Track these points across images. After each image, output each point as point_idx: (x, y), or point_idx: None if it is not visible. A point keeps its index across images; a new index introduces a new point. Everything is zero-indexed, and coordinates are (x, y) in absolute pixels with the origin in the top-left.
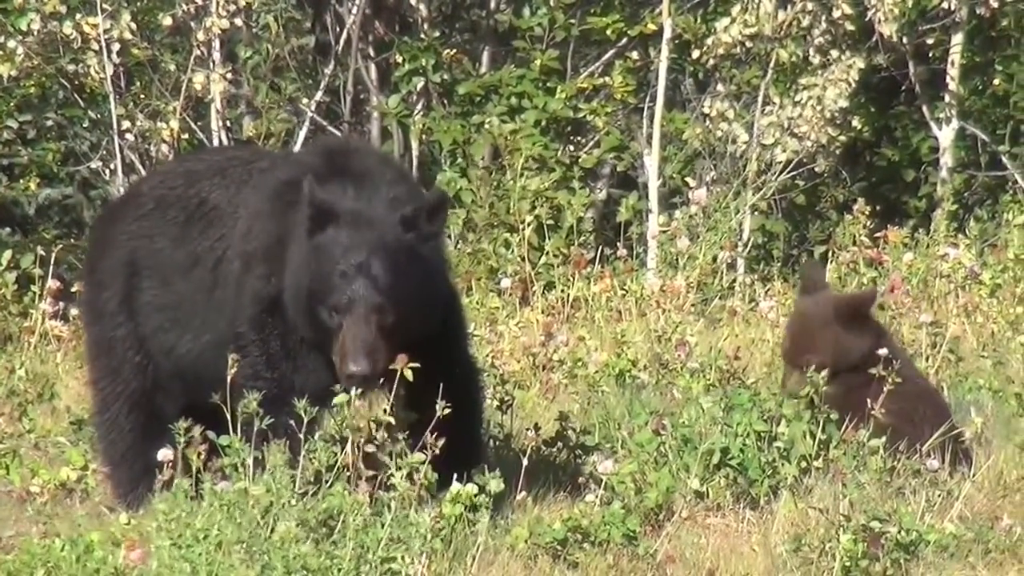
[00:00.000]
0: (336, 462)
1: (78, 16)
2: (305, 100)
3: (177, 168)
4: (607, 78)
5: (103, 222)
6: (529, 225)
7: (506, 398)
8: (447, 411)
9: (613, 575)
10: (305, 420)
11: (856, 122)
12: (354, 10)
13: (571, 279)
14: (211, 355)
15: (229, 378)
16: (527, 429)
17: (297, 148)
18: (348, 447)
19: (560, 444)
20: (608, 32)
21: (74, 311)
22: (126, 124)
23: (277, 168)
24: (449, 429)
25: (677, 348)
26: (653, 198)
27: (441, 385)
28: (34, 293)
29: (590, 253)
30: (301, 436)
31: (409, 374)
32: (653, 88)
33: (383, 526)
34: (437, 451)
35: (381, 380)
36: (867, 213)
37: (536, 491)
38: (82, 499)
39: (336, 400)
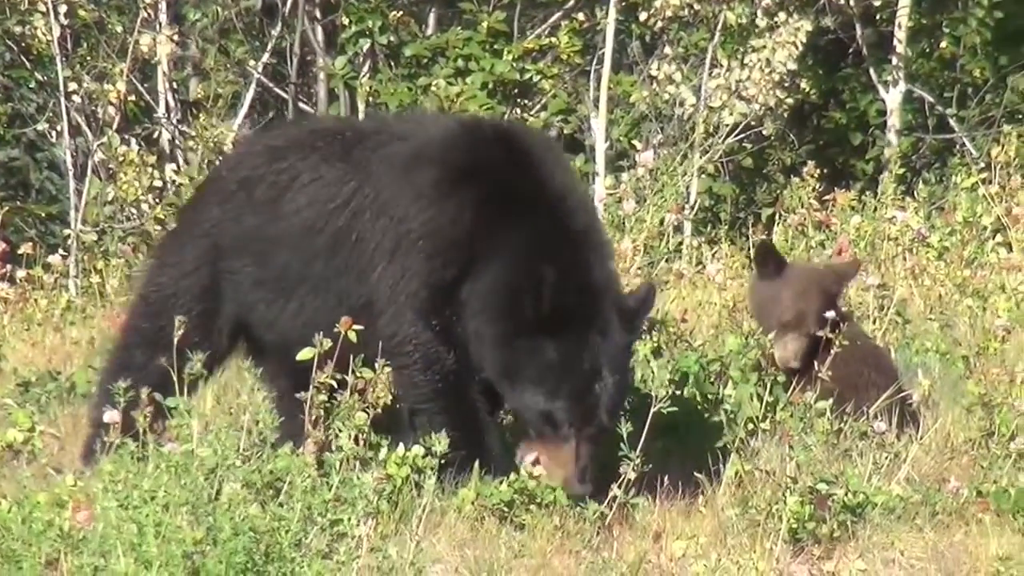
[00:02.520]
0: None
1: None
2: (252, 62)
3: (254, 148)
4: (553, 39)
5: (187, 210)
6: None
7: None
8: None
9: (559, 537)
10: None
11: (804, 85)
12: None
13: None
14: (326, 317)
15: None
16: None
17: (244, 111)
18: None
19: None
20: None
21: (21, 273)
22: (73, 86)
23: (430, 151)
24: None
25: None
26: (600, 161)
27: None
28: None
29: None
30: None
31: (353, 336)
32: (600, 51)
33: (330, 488)
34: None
35: None
36: (815, 176)
37: None
38: (28, 461)
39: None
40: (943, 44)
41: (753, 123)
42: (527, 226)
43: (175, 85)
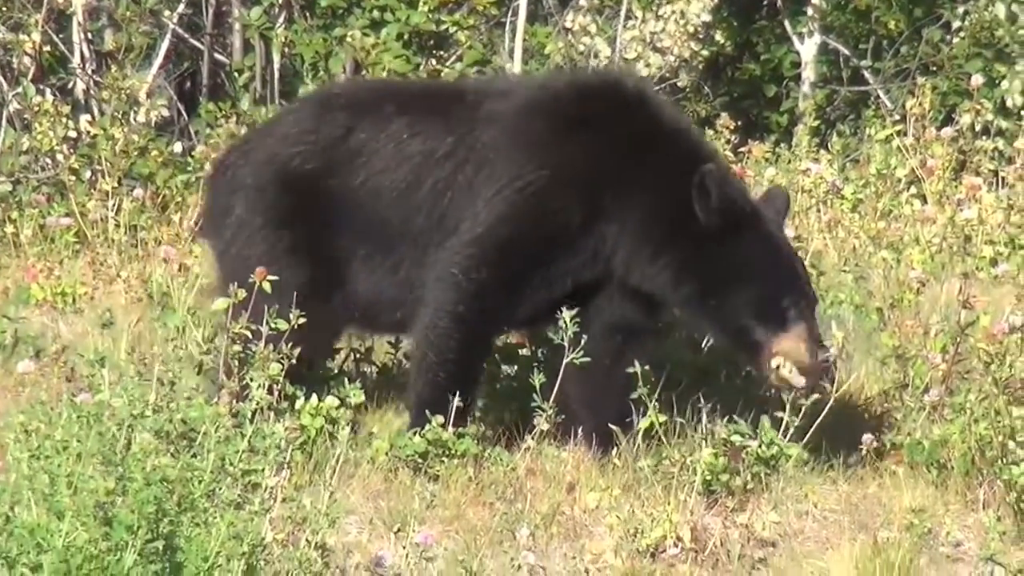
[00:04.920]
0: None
1: None
2: (167, 13)
3: (331, 111)
4: None
5: (254, 168)
6: None
7: None
8: None
9: (473, 488)
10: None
11: (719, 36)
12: None
13: None
14: (414, 274)
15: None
16: (387, 342)
17: (159, 61)
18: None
19: None
20: None
21: None
22: None
23: (540, 104)
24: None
25: None
26: None
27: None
28: None
29: None
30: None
31: (268, 287)
32: (515, 2)
33: (243, 438)
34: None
35: None
36: (730, 128)
37: (397, 404)
38: None
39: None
40: None
41: (668, 75)
42: (656, 157)
43: (90, 35)
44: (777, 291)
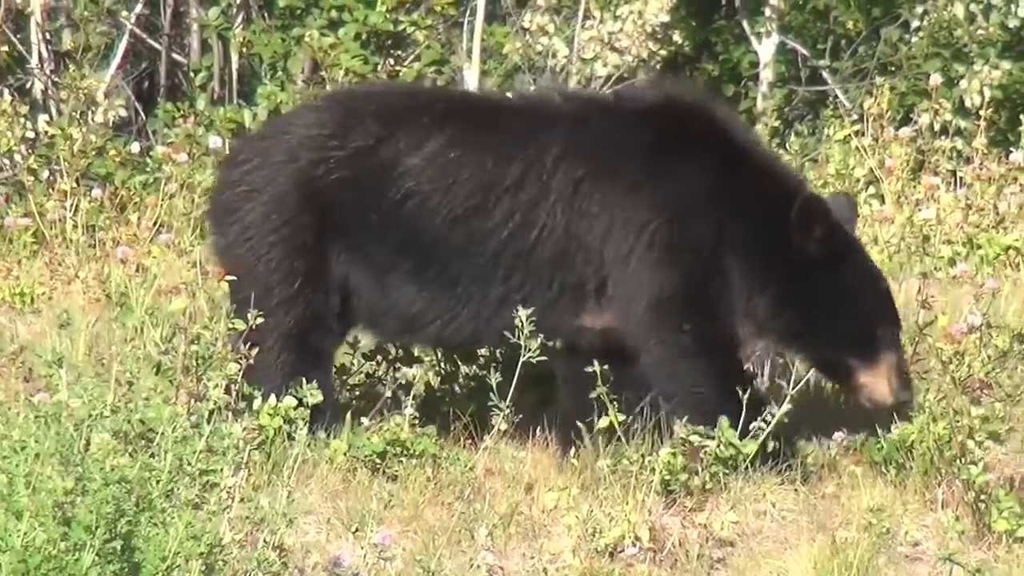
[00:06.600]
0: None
1: None
2: (124, 13)
3: (358, 117)
4: None
5: (279, 179)
6: None
7: None
8: None
9: (432, 488)
10: None
11: (677, 36)
12: None
13: None
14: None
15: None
16: (347, 342)
17: (117, 62)
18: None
19: (379, 357)
20: None
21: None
22: None
23: (629, 137)
24: None
25: None
26: None
27: None
28: None
29: None
30: None
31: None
32: (473, 2)
33: (201, 438)
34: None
35: None
36: None
37: (356, 404)
38: None
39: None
40: None
41: (626, 75)
42: (746, 183)
43: (48, 35)
44: (874, 322)
